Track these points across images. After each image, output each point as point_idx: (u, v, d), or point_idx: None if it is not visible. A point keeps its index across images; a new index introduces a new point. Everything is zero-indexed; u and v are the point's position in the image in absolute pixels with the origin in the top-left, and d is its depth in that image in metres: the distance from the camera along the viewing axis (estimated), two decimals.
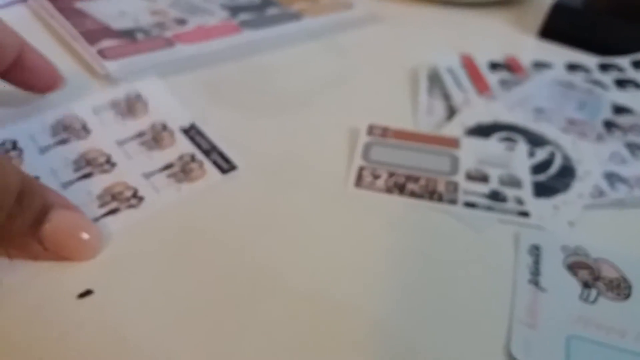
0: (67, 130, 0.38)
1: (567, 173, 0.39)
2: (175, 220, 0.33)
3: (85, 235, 0.30)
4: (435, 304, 0.30)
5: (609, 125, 0.44)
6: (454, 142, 0.41)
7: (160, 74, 0.46)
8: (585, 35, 0.55)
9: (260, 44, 0.52)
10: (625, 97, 0.47)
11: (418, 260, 0.32)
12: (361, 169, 0.38)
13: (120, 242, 0.32)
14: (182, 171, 0.36)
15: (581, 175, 0.39)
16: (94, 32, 0.49)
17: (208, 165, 0.37)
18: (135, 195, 0.34)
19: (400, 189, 0.37)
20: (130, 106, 0.40)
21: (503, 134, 0.42)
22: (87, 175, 0.35)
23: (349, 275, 0.31)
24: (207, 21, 0.53)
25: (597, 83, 0.49)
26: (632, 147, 0.42)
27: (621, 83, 0.49)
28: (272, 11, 0.56)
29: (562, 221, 0.35)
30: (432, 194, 0.37)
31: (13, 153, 0.35)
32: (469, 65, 0.50)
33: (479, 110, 0.44)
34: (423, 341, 0.28)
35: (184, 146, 0.38)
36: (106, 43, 0.48)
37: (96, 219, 0.32)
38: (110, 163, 0.36)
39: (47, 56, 0.40)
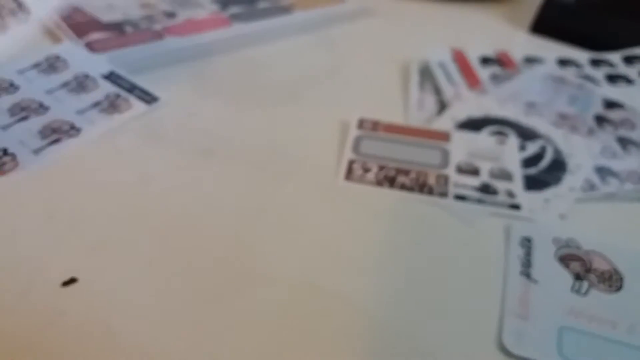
0: None
1: (558, 167, 0.39)
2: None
3: None
4: (426, 295, 0.30)
5: (600, 119, 0.44)
6: (444, 136, 0.41)
7: (149, 66, 0.46)
8: (576, 31, 0.55)
9: (250, 37, 0.51)
10: (616, 92, 0.47)
11: (408, 253, 0.32)
12: (351, 162, 0.38)
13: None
14: (111, 106, 0.41)
15: (572, 169, 0.39)
16: (83, 25, 0.49)
17: (133, 99, 0.42)
18: (73, 127, 0.39)
19: (391, 182, 0.37)
20: (51, 64, 0.44)
21: (494, 127, 0.42)
22: (24, 118, 0.39)
23: (339, 267, 0.31)
24: (197, 14, 0.53)
25: (588, 78, 0.49)
26: (623, 142, 0.42)
27: (612, 78, 0.49)
28: (262, 4, 0.56)
29: (553, 214, 0.35)
30: (422, 187, 0.36)
31: None
32: (460, 59, 0.50)
33: (470, 104, 0.44)
34: (414, 332, 0.28)
35: (108, 88, 0.42)
36: (95, 36, 0.47)
37: (42, 148, 0.37)
38: (43, 107, 0.40)
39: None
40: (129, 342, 0.26)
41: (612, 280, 0.31)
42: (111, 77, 0.43)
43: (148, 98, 0.42)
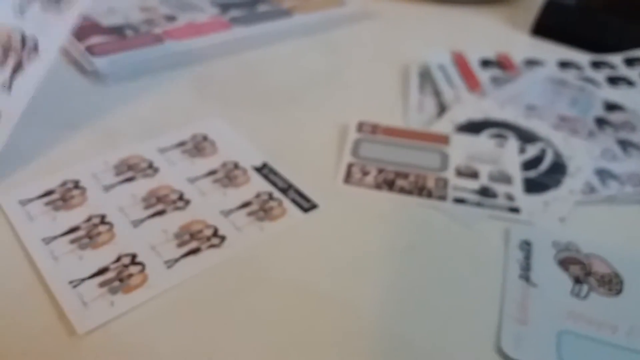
0: (132, 169, 0.36)
1: (558, 169, 0.39)
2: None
3: None
4: (425, 299, 0.30)
5: (601, 122, 0.44)
6: (444, 139, 0.40)
7: (149, 70, 0.46)
8: (577, 33, 0.55)
9: (250, 40, 0.52)
10: (617, 94, 0.47)
11: (407, 256, 0.32)
12: (350, 166, 0.38)
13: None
14: (262, 209, 0.33)
15: (572, 172, 0.38)
16: (83, 29, 0.49)
17: (287, 203, 0.34)
18: (216, 234, 0.32)
19: (390, 185, 0.37)
20: (197, 145, 0.38)
21: (494, 130, 0.42)
22: (159, 213, 0.33)
23: (337, 271, 0.31)
24: (197, 17, 0.53)
25: (589, 80, 0.49)
26: (623, 144, 0.41)
27: (613, 80, 0.49)
28: (262, 8, 0.56)
29: (553, 217, 0.35)
30: (421, 190, 0.36)
31: (75, 192, 0.33)
32: (461, 62, 0.50)
33: (470, 107, 0.44)
34: (412, 336, 0.28)
35: (260, 184, 0.36)
36: (95, 39, 0.47)
37: (176, 260, 0.30)
38: (183, 200, 0.34)
39: None
40: None
41: (612, 284, 0.31)
42: (263, 170, 0.37)
43: (305, 204, 0.35)
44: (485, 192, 0.36)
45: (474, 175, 0.37)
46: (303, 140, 0.40)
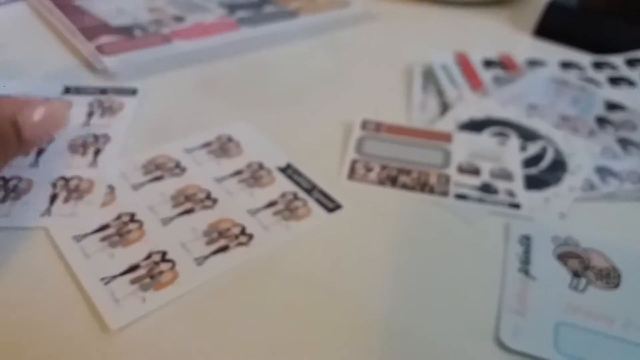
0: (160, 169, 0.37)
1: (558, 167, 0.39)
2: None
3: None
4: (426, 291, 0.30)
5: (602, 121, 0.44)
6: (446, 137, 0.41)
7: (158, 69, 0.47)
8: (579, 34, 0.55)
9: (257, 40, 0.52)
10: (618, 94, 0.47)
11: (410, 250, 0.33)
12: (354, 162, 0.39)
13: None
14: (288, 209, 0.34)
15: (573, 169, 0.39)
16: (93, 29, 0.50)
17: (312, 203, 0.35)
18: (243, 232, 0.33)
19: (393, 181, 0.37)
20: (223, 146, 0.39)
21: (495, 128, 0.43)
22: (188, 211, 0.33)
23: (343, 265, 0.31)
24: (204, 18, 0.54)
25: (590, 81, 0.49)
26: (623, 142, 0.42)
27: (615, 81, 0.50)
28: (269, 9, 0.57)
29: (553, 213, 0.36)
30: (423, 186, 0.37)
31: (105, 190, 0.34)
32: (463, 62, 0.51)
33: (472, 106, 0.45)
34: (415, 328, 0.28)
35: (285, 184, 0.36)
36: (104, 39, 0.48)
37: (205, 257, 0.31)
38: (211, 199, 0.34)
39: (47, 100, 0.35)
40: None
41: (610, 278, 0.32)
42: (288, 171, 0.37)
43: (330, 204, 0.35)
44: (486, 188, 0.37)
45: (475, 172, 0.38)
46: (308, 138, 0.41)
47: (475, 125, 0.43)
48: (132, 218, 0.33)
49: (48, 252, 0.30)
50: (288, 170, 0.38)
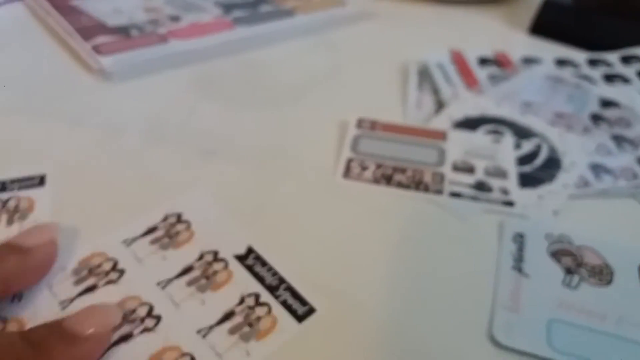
0: (93, 274, 0.29)
1: (552, 164, 0.39)
2: None
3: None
4: (420, 289, 0.31)
5: (596, 118, 0.44)
6: (441, 135, 0.41)
7: (154, 69, 0.47)
8: (575, 32, 0.55)
9: (253, 40, 0.53)
10: (612, 92, 0.48)
11: (404, 248, 0.33)
12: (349, 161, 0.39)
13: None
14: (248, 324, 0.27)
15: (567, 167, 0.39)
16: (89, 29, 0.50)
17: (277, 309, 0.29)
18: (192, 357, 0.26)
19: (388, 179, 0.38)
20: (169, 231, 0.32)
21: (490, 126, 0.43)
22: (125, 338, 0.27)
23: (337, 263, 0.32)
24: (201, 18, 0.54)
25: (585, 78, 0.50)
26: (618, 139, 0.42)
27: (609, 78, 0.50)
28: (265, 8, 0.57)
29: (547, 210, 0.36)
30: (418, 185, 0.37)
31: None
32: (459, 60, 0.51)
33: (467, 104, 0.45)
34: (409, 324, 0.29)
35: (244, 282, 0.30)
36: (101, 39, 0.48)
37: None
38: (152, 316, 0.28)
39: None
40: None
41: (603, 275, 0.32)
42: (247, 260, 0.31)
43: (300, 308, 0.29)
44: (480, 186, 0.37)
45: (470, 170, 0.38)
46: (304, 137, 0.41)
47: (470, 123, 0.43)
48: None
49: None
50: (249, 259, 0.31)
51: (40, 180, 0.35)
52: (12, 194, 0.34)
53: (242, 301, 0.28)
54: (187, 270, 0.30)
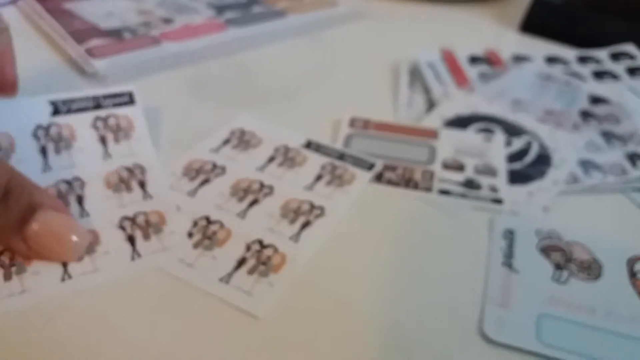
0: (201, 172, 0.37)
1: (542, 161, 0.40)
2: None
3: (73, 238, 0.29)
4: (410, 286, 0.31)
5: (586, 114, 0.45)
6: (432, 133, 0.42)
7: (148, 71, 0.47)
8: (565, 29, 0.56)
9: (245, 41, 0.53)
10: (602, 88, 0.48)
11: (393, 245, 0.33)
12: None
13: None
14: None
15: (557, 163, 0.40)
16: (82, 32, 0.50)
17: (351, 167, 0.38)
18: (313, 206, 0.35)
19: (378, 177, 0.38)
20: (241, 139, 0.40)
21: (481, 124, 0.43)
22: (254, 202, 0.35)
23: (324, 259, 0.32)
24: (193, 20, 0.54)
25: (575, 75, 0.50)
26: (607, 136, 0.43)
27: (599, 74, 0.50)
28: (257, 9, 0.57)
29: (537, 207, 0.36)
30: (408, 182, 0.38)
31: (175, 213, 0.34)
32: (450, 59, 0.51)
33: (458, 102, 0.45)
34: (397, 321, 0.29)
35: (318, 158, 0.39)
36: (94, 42, 0.49)
37: (297, 234, 0.33)
38: (267, 187, 0.36)
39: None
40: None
41: (591, 269, 0.32)
42: (312, 146, 0.40)
43: (366, 163, 0.39)
44: (469, 184, 0.38)
45: (460, 168, 0.39)
46: (296, 136, 0.41)
47: (461, 122, 0.43)
48: (209, 220, 0.34)
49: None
50: (312, 146, 0.40)
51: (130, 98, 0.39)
52: (109, 111, 0.38)
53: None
54: (272, 158, 0.39)
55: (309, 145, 0.40)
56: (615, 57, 0.53)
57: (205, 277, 0.30)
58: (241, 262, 0.31)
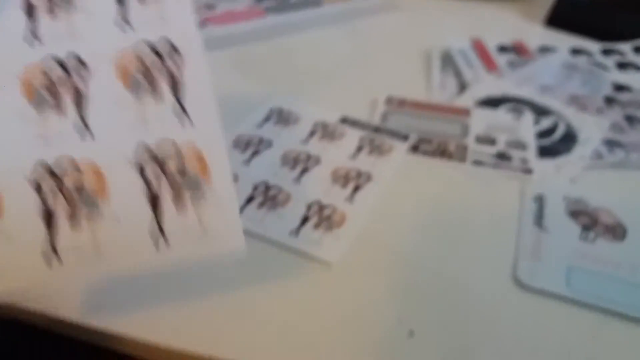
0: (249, 145, 0.40)
1: (569, 139, 0.42)
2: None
3: None
4: (451, 241, 0.34)
5: (610, 100, 0.47)
6: (465, 112, 0.44)
7: None
8: (589, 24, 0.58)
9: (283, 27, 0.56)
10: (625, 78, 0.50)
11: (434, 207, 0.36)
12: None
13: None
14: (375, 148, 0.38)
15: (582, 141, 0.42)
16: None
17: (387, 139, 0.41)
18: (360, 172, 0.38)
19: (414, 149, 0.40)
20: (280, 116, 0.43)
21: (511, 105, 0.46)
22: (305, 170, 0.38)
23: (377, 217, 0.35)
24: (234, 7, 0.57)
25: (599, 65, 0.52)
26: (630, 119, 0.45)
27: (622, 65, 0.53)
28: None
29: (564, 178, 0.39)
30: (443, 153, 0.40)
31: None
32: (479, 47, 0.54)
33: (489, 85, 0.48)
34: (443, 270, 0.32)
35: (355, 132, 0.42)
36: None
37: (351, 196, 0.36)
38: (314, 157, 0.39)
39: None
40: None
41: (616, 232, 0.35)
42: (348, 121, 0.43)
43: (400, 135, 0.41)
44: (501, 156, 0.40)
45: (492, 142, 0.41)
46: (336, 113, 0.44)
47: (491, 102, 0.46)
48: (267, 185, 0.36)
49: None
50: (348, 121, 0.42)
51: None
52: None
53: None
54: (312, 133, 0.41)
55: (344, 121, 0.43)
56: (638, 50, 0.55)
57: (276, 231, 0.33)
58: (305, 220, 0.34)
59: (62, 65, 0.23)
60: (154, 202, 0.23)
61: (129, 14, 0.25)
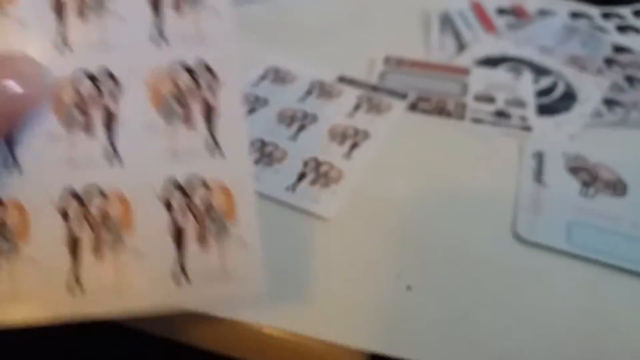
0: (246, 103, 0.39)
1: (568, 98, 0.42)
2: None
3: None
4: (450, 196, 0.33)
5: (609, 61, 0.47)
6: (464, 71, 0.44)
7: None
8: None
9: None
10: (625, 40, 0.50)
11: (433, 163, 0.36)
12: None
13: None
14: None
15: (582, 100, 0.42)
16: None
17: (386, 98, 0.40)
18: (357, 130, 0.37)
19: (413, 107, 0.40)
20: (276, 75, 0.42)
21: (510, 65, 0.45)
22: (302, 128, 0.37)
23: (375, 173, 0.35)
24: None
25: (599, 28, 0.52)
26: (630, 80, 0.44)
27: (622, 29, 0.52)
28: None
29: (564, 135, 0.38)
30: (441, 111, 0.40)
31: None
32: (478, 9, 0.53)
33: (488, 45, 0.47)
34: (443, 226, 0.32)
35: (352, 91, 0.41)
36: None
37: (348, 153, 0.36)
38: (310, 115, 0.38)
39: None
40: None
41: (617, 187, 0.34)
42: (345, 80, 0.42)
43: (398, 94, 0.41)
44: (500, 114, 0.40)
45: (490, 100, 0.41)
46: (333, 72, 0.43)
47: (490, 62, 0.45)
48: (263, 142, 0.36)
49: None
50: (345, 80, 0.42)
51: None
52: None
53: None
54: (309, 92, 0.41)
55: (342, 79, 0.42)
56: (638, 13, 0.54)
57: (272, 187, 0.33)
58: (302, 176, 0.34)
59: (92, 80, 0.21)
60: (178, 236, 0.22)
61: (165, 25, 0.22)
